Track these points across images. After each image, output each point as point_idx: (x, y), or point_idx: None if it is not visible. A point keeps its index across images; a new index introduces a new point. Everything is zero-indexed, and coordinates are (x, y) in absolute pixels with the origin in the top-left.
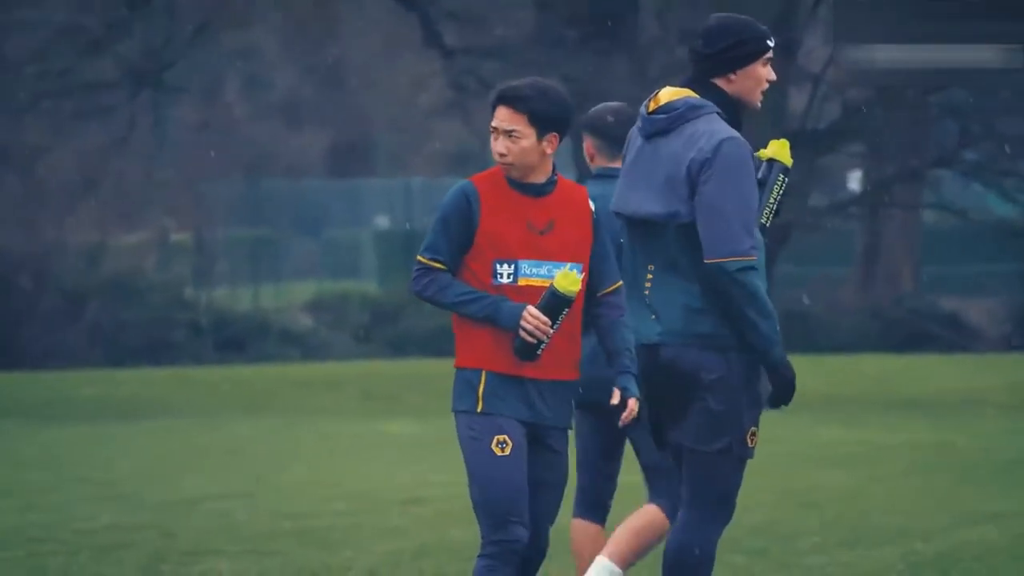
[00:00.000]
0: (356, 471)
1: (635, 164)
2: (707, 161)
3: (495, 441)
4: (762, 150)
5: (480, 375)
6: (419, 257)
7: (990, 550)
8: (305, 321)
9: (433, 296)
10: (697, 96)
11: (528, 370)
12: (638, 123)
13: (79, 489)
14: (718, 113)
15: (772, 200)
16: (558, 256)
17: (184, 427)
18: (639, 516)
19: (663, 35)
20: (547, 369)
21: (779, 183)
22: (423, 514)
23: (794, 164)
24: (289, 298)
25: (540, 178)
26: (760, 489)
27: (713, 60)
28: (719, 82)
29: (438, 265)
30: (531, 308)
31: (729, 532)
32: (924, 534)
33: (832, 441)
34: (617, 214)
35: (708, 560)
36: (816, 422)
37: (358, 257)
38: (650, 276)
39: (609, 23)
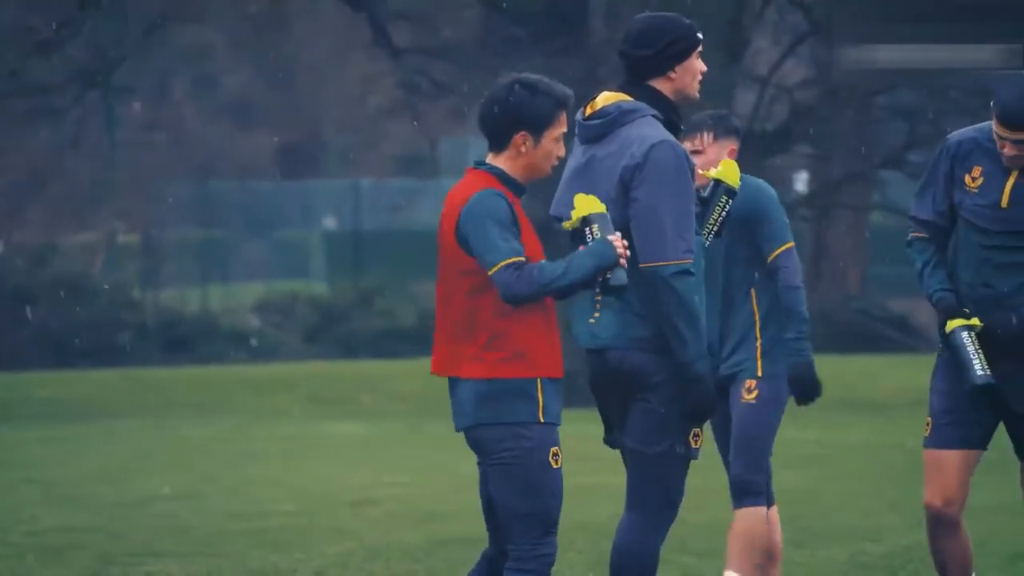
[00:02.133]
0: (306, 472)
1: (575, 170)
2: (639, 166)
3: (551, 453)
4: (711, 170)
5: (536, 384)
6: (504, 262)
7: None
8: (254, 322)
9: (544, 284)
10: (631, 100)
11: (560, 370)
12: (576, 129)
13: (26, 491)
14: (653, 115)
15: (713, 220)
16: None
17: (132, 428)
18: (739, 522)
19: (613, 36)
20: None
21: (722, 203)
22: (374, 515)
23: (742, 166)
24: (238, 299)
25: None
26: (710, 489)
27: (651, 61)
28: (656, 82)
29: (522, 259)
30: (610, 237)
31: (678, 532)
32: (874, 534)
33: (783, 441)
34: (557, 219)
35: (653, 561)
36: None
37: (307, 258)
38: None
39: (560, 24)
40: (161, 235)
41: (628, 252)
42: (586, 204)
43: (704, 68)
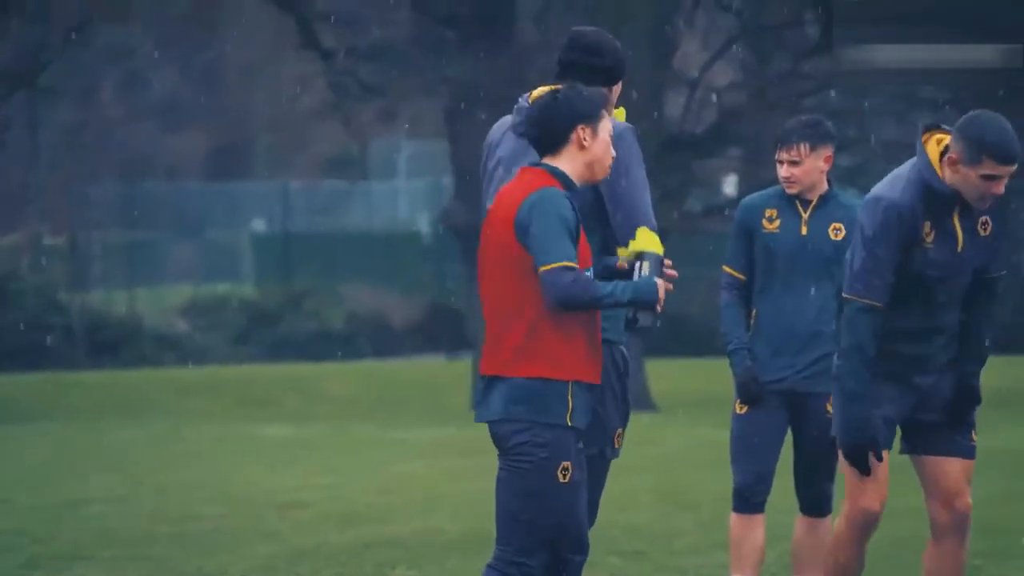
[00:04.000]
0: (234, 475)
1: (512, 159)
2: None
3: (561, 467)
4: (630, 245)
5: (568, 387)
6: (562, 264)
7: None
8: (181, 325)
9: (595, 297)
10: None
11: (595, 376)
12: (514, 118)
13: None
14: None
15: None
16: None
17: (58, 431)
18: (800, 531)
19: (542, 38)
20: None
21: (643, 268)
22: (301, 518)
23: (672, 168)
24: (166, 301)
25: None
26: (639, 490)
27: (602, 72)
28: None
29: (576, 266)
30: (657, 279)
31: (607, 533)
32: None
33: (711, 442)
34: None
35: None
36: (694, 423)
37: (236, 260)
38: None
39: (489, 25)
40: (88, 237)
41: (665, 297)
42: (646, 240)
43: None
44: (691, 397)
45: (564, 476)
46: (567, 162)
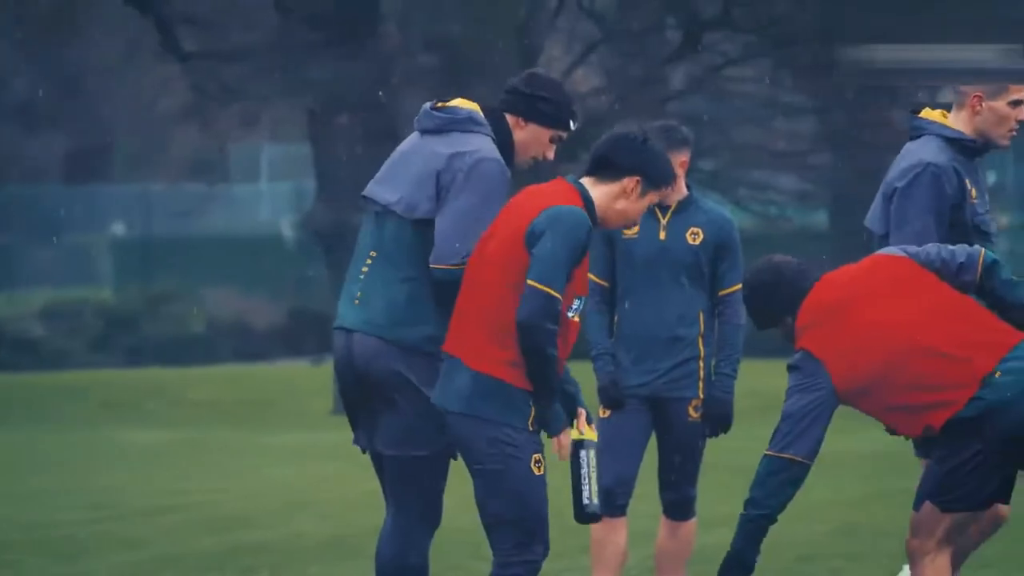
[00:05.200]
0: (96, 480)
1: (402, 153)
2: (466, 170)
3: (533, 460)
4: (576, 431)
5: (530, 399)
6: (549, 289)
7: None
8: (39, 329)
9: (551, 350)
10: (479, 113)
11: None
12: (418, 117)
13: None
14: (492, 138)
15: (590, 476)
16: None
17: None
18: (663, 534)
19: (405, 41)
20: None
21: (590, 458)
22: (165, 523)
23: (533, 172)
24: (23, 306)
25: None
26: None
27: (517, 97)
28: (510, 118)
29: (559, 300)
30: (583, 455)
31: (472, 538)
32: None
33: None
34: (366, 198)
35: (423, 567)
36: None
37: (95, 264)
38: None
39: (352, 28)
40: None
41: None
42: (589, 431)
43: (550, 155)
44: None
45: (539, 468)
46: (604, 196)
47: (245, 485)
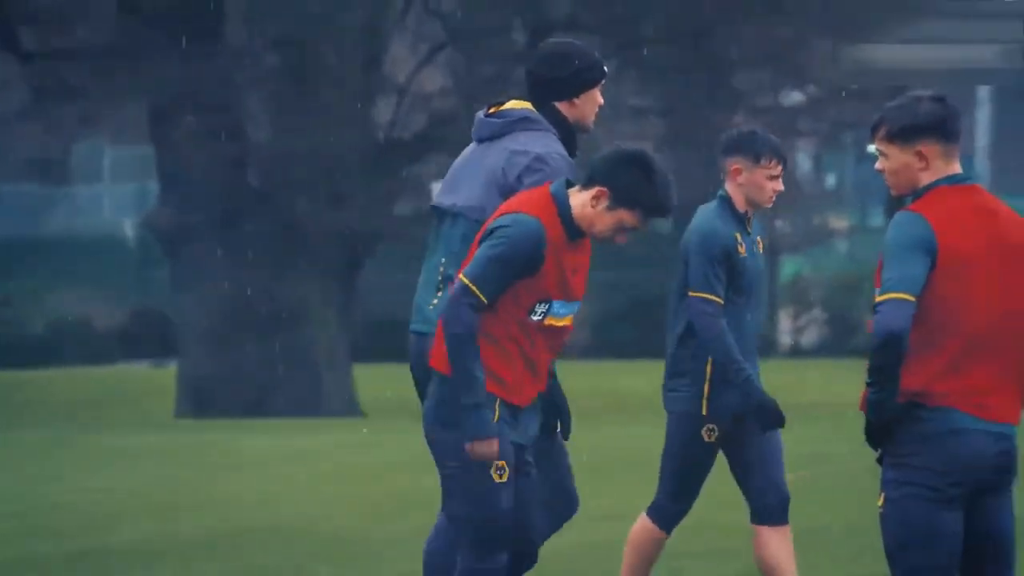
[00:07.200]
0: None
1: (462, 161)
2: (528, 168)
3: (494, 467)
4: None
5: (495, 401)
6: (472, 285)
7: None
8: None
9: (469, 350)
10: (535, 111)
11: (525, 399)
12: (474, 127)
13: None
14: (553, 133)
15: None
16: (577, 295)
17: None
18: None
19: (250, 41)
20: (535, 392)
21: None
22: (6, 529)
23: (382, 173)
24: None
25: None
26: (346, 497)
27: (557, 84)
28: (560, 106)
29: (482, 302)
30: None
31: (319, 542)
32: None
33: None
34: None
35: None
36: (405, 429)
37: None
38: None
39: (197, 26)
40: None
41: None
42: None
43: (602, 101)
44: (397, 403)
45: (500, 476)
46: (580, 206)
47: (89, 489)
